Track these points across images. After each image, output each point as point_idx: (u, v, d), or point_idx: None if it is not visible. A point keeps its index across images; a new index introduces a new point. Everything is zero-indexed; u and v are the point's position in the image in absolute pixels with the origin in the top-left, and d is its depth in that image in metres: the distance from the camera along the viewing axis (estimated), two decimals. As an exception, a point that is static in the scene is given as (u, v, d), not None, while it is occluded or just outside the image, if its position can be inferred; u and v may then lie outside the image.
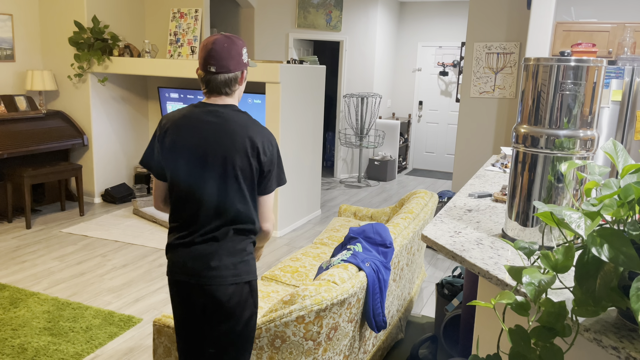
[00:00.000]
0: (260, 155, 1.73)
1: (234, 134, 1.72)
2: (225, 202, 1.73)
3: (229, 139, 1.72)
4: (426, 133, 8.42)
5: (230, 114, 1.76)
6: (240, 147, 1.71)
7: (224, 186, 1.73)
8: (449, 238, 1.57)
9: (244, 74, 1.80)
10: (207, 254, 1.74)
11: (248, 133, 1.73)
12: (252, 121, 1.78)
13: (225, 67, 1.74)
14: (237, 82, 1.79)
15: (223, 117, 1.75)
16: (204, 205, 1.74)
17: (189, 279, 1.76)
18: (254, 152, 1.72)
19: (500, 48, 4.61)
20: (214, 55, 1.72)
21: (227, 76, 1.75)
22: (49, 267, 4.01)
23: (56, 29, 5.58)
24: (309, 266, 3.16)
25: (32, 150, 5.01)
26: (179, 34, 5.84)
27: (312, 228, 5.30)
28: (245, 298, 1.80)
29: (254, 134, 1.74)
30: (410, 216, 3.20)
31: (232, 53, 1.74)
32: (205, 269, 1.74)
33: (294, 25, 7.11)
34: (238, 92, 1.82)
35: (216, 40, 1.73)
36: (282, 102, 4.77)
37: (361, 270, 2.34)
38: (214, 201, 1.73)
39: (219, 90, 1.77)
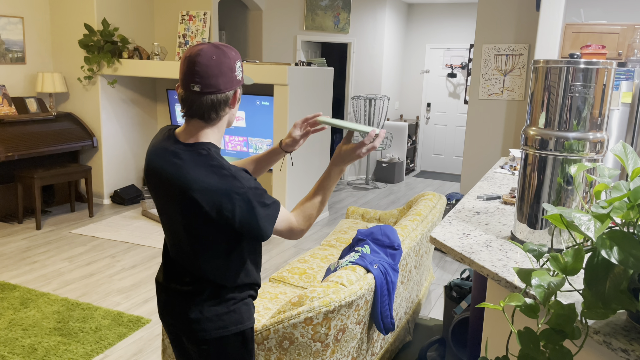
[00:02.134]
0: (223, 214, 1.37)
1: (184, 187, 1.38)
2: (192, 259, 1.48)
3: (177, 193, 1.39)
4: (434, 135, 8.40)
5: (188, 162, 1.39)
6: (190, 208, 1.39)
7: (186, 242, 1.47)
8: (458, 240, 1.56)
9: (237, 93, 1.42)
10: (184, 305, 1.51)
11: (198, 185, 1.36)
12: (208, 172, 1.38)
13: (214, 85, 1.36)
14: (227, 105, 1.41)
15: (178, 166, 1.40)
16: (174, 251, 1.53)
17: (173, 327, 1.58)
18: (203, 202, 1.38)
19: (509, 50, 4.59)
20: (199, 70, 1.35)
21: (215, 97, 1.38)
22: (59, 267, 4.05)
23: (66, 32, 5.64)
24: (316, 268, 3.17)
25: (43, 152, 5.06)
26: (188, 36, 5.88)
27: (319, 230, 5.30)
28: (238, 351, 1.55)
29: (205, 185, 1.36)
30: (419, 218, 3.20)
31: (223, 68, 1.36)
32: (185, 322, 1.51)
33: (302, 27, 7.13)
34: (227, 118, 1.45)
35: (202, 51, 1.36)
36: (290, 104, 4.78)
37: (369, 272, 2.34)
38: (181, 256, 1.51)
39: (202, 115, 1.40)
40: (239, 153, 5.79)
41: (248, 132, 5.64)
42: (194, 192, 1.36)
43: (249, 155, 5.71)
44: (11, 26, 5.34)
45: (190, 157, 1.39)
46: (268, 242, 4.83)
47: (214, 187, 1.35)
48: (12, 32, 5.35)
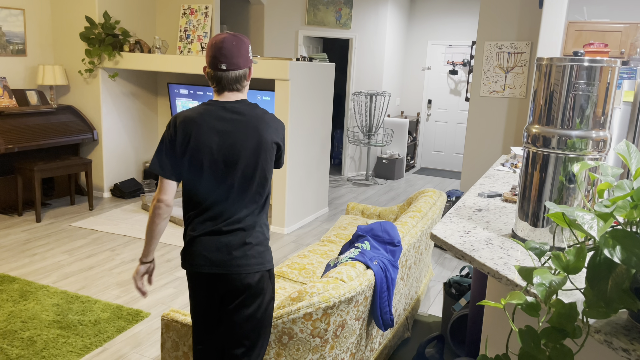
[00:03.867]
0: (279, 139, 1.87)
1: (256, 126, 1.81)
2: (253, 194, 1.84)
3: (252, 131, 1.81)
4: (435, 132, 8.39)
5: (246, 109, 1.85)
6: (265, 138, 1.81)
7: (252, 179, 1.82)
8: (459, 237, 1.56)
9: (251, 70, 1.89)
10: (234, 244, 1.82)
11: (267, 122, 1.84)
12: (264, 111, 1.89)
13: (236, 64, 1.82)
14: (245, 78, 1.87)
15: (241, 112, 1.83)
16: (230, 198, 1.82)
17: (213, 269, 1.82)
18: (275, 137, 1.85)
19: (511, 47, 4.58)
20: (225, 53, 1.79)
21: (237, 73, 1.83)
22: (59, 260, 4.05)
23: (67, 24, 5.62)
24: (316, 263, 3.17)
25: (43, 144, 5.05)
26: (189, 30, 5.86)
27: (319, 225, 5.30)
28: (267, 285, 1.89)
29: (271, 121, 1.86)
30: (419, 215, 3.19)
31: (242, 51, 1.82)
32: (232, 259, 1.81)
33: (304, 22, 7.10)
34: (246, 89, 1.91)
35: (225, 38, 1.80)
36: (291, 100, 4.77)
37: (369, 269, 2.34)
38: (241, 194, 1.82)
39: (231, 87, 1.84)
40: (239, 148, 5.77)
41: (249, 126, 5.63)
42: (267, 120, 1.84)
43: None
44: (12, 18, 5.32)
45: (245, 107, 1.85)
46: (268, 237, 4.82)
47: (275, 118, 1.89)
48: (13, 24, 5.33)
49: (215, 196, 1.82)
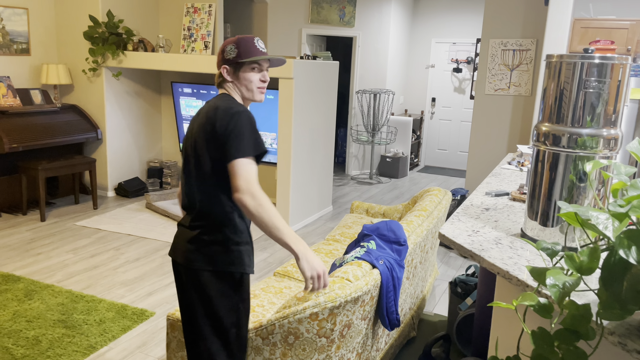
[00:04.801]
0: (216, 125, 1.72)
1: (202, 116, 1.80)
2: (194, 191, 1.83)
3: (200, 120, 1.81)
4: (439, 130, 8.36)
5: (210, 101, 1.85)
6: (200, 127, 1.77)
7: (193, 175, 1.83)
8: (467, 237, 1.54)
9: (224, 69, 1.86)
10: (182, 236, 1.86)
11: (209, 111, 1.77)
12: (217, 101, 1.81)
13: (217, 65, 1.93)
14: (223, 79, 1.87)
15: (205, 104, 1.87)
16: (187, 187, 1.88)
17: (172, 256, 1.92)
18: (210, 126, 1.74)
19: (516, 45, 4.55)
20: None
21: (218, 74, 1.91)
22: (63, 259, 4.04)
23: (71, 23, 5.61)
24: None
25: (47, 143, 5.06)
26: (193, 29, 5.85)
27: (323, 224, 5.29)
28: (201, 286, 1.82)
29: (213, 110, 1.76)
30: (424, 214, 3.18)
31: (219, 51, 1.89)
32: (178, 250, 1.87)
33: (307, 20, 7.08)
34: (233, 87, 1.86)
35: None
36: (295, 98, 4.75)
37: (375, 268, 2.32)
38: (189, 191, 1.86)
39: (216, 85, 1.93)
40: (243, 146, 5.76)
41: (252, 125, 5.62)
42: (210, 108, 1.81)
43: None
44: (16, 17, 5.32)
45: (211, 100, 1.86)
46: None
47: (223, 104, 1.79)
48: (16, 23, 5.33)
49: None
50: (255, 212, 1.61)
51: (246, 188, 1.63)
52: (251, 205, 1.61)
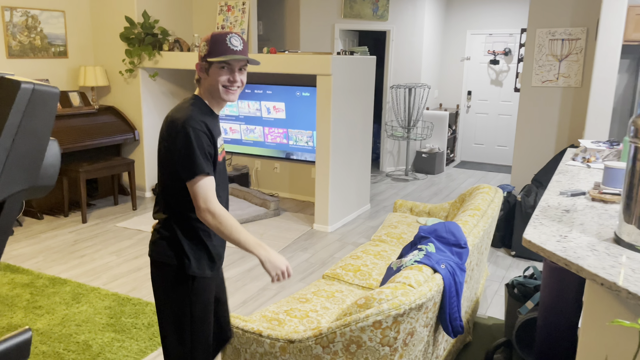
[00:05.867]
0: (167, 142, 1.76)
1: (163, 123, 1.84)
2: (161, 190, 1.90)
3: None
4: (475, 124, 8.15)
5: (176, 105, 1.87)
6: (160, 134, 1.82)
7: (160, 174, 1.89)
8: (557, 243, 1.43)
9: (197, 66, 1.84)
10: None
11: (166, 119, 1.79)
12: (179, 107, 1.82)
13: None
14: (196, 74, 1.87)
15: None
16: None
17: None
18: (163, 139, 1.79)
19: (565, 34, 4.35)
20: None
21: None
22: (107, 261, 4.05)
23: (107, 25, 5.63)
24: (370, 264, 3.05)
25: (86, 145, 5.08)
26: (227, 27, 5.81)
27: (362, 223, 5.19)
28: (153, 276, 1.94)
29: (167, 120, 1.78)
30: (478, 213, 3.04)
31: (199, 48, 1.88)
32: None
33: (340, 15, 6.97)
34: (204, 85, 1.84)
35: None
36: (334, 95, 4.66)
37: (436, 273, 2.21)
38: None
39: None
40: (278, 145, 5.71)
41: (288, 123, 5.55)
42: (168, 117, 1.80)
43: (289, 147, 5.63)
44: (53, 20, 5.36)
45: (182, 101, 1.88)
46: (311, 236, 4.74)
47: (177, 114, 1.77)
48: (54, 26, 5.38)
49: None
50: (216, 229, 1.75)
51: (205, 207, 1.73)
52: (212, 223, 1.74)
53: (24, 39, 5.11)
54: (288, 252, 4.33)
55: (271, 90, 5.52)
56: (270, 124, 5.69)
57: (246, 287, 3.67)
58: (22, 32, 5.09)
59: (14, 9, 4.97)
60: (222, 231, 1.74)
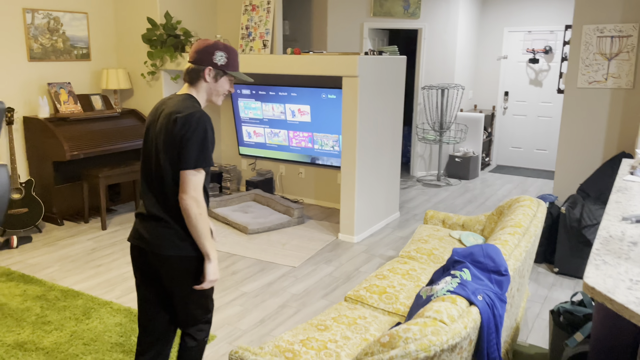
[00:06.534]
0: (176, 129, 1.87)
1: (164, 117, 1.92)
2: (155, 184, 1.98)
3: (160, 121, 1.93)
4: (512, 126, 7.73)
5: (172, 101, 1.95)
6: (162, 130, 1.90)
7: (154, 168, 1.96)
8: (628, 292, 1.14)
9: (208, 71, 1.94)
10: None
11: (170, 115, 1.89)
12: (178, 104, 1.92)
13: (192, 57, 1.96)
14: (199, 76, 1.95)
15: (166, 104, 1.96)
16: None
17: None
18: (171, 126, 1.88)
19: (615, 31, 3.96)
20: (193, 47, 1.99)
21: (191, 66, 1.96)
22: (123, 272, 3.89)
23: (130, 27, 5.52)
24: (398, 286, 2.78)
25: (108, 150, 4.97)
26: (251, 27, 5.61)
27: (391, 233, 4.90)
28: (173, 272, 2.03)
29: (177, 112, 1.88)
30: (519, 231, 2.73)
31: (205, 49, 1.94)
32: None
33: (369, 13, 6.69)
34: (204, 88, 1.98)
35: (206, 39, 2.00)
36: (360, 97, 4.39)
37: (473, 305, 1.93)
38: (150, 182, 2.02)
39: (185, 77, 1.99)
40: (303, 149, 5.48)
41: (313, 127, 5.31)
42: (173, 110, 1.90)
43: (315, 151, 5.39)
44: (76, 22, 5.27)
45: (176, 99, 1.96)
46: (336, 247, 4.49)
47: (186, 110, 1.90)
48: (77, 28, 5.29)
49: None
50: (194, 216, 1.86)
51: (194, 195, 1.86)
52: (194, 210, 1.86)
53: (46, 42, 5.03)
54: (311, 265, 4.09)
55: (296, 93, 5.29)
56: (295, 127, 5.47)
57: (265, 303, 3.45)
58: (44, 35, 5.01)
59: (35, 10, 4.89)
60: (198, 220, 1.87)
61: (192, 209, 1.85)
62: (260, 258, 4.19)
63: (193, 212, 1.85)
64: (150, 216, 1.95)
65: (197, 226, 1.86)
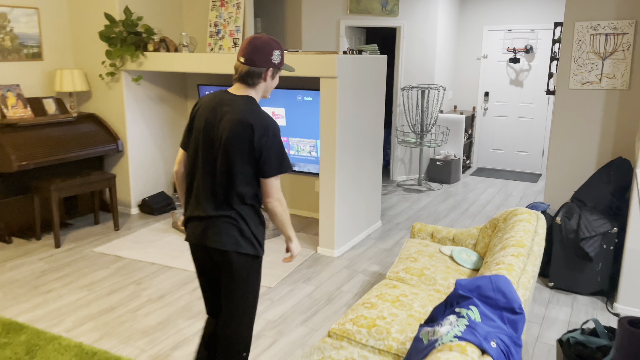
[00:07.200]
0: (255, 138, 1.95)
1: (234, 122, 1.96)
2: (220, 184, 2.04)
3: (226, 128, 1.97)
4: (493, 128, 7.52)
5: (238, 103, 2.00)
6: (234, 133, 1.96)
7: (220, 169, 2.02)
8: None
9: (269, 73, 2.04)
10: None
11: (243, 119, 1.96)
12: (252, 110, 1.99)
13: (251, 60, 1.99)
14: (259, 77, 2.02)
15: (231, 105, 2.00)
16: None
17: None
18: (248, 135, 1.95)
19: (609, 28, 3.73)
20: (246, 47, 2.00)
21: (251, 69, 2.00)
22: (76, 299, 3.46)
23: (87, 23, 5.05)
24: (388, 316, 2.45)
25: (62, 158, 4.50)
26: (220, 24, 5.21)
27: (373, 245, 4.58)
28: (237, 270, 2.14)
29: (248, 119, 1.95)
30: (523, 252, 2.43)
31: (263, 51, 1.99)
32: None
33: (346, 11, 6.36)
34: (262, 87, 2.06)
35: (254, 37, 2.01)
36: (340, 99, 4.05)
37: (486, 355, 1.61)
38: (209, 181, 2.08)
39: (242, 79, 2.03)
40: (279, 155, 5.10)
41: (289, 131, 4.95)
42: (247, 118, 1.97)
43: (290, 158, 5.02)
44: (25, 18, 4.78)
45: (240, 103, 2.02)
46: (315, 262, 4.14)
47: (261, 118, 1.99)
48: (26, 24, 4.80)
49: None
50: (280, 214, 2.06)
51: (277, 197, 2.04)
52: (279, 209, 2.06)
53: (-10, 40, 4.54)
54: (288, 285, 3.74)
55: (269, 95, 4.91)
56: (268, 132, 5.08)
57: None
58: (-12, 32, 4.51)
59: (-23, 5, 4.39)
60: (283, 216, 2.07)
61: (278, 209, 2.04)
62: (232, 278, 3.80)
63: (279, 211, 2.05)
64: (210, 216, 2.02)
65: (283, 221, 2.08)
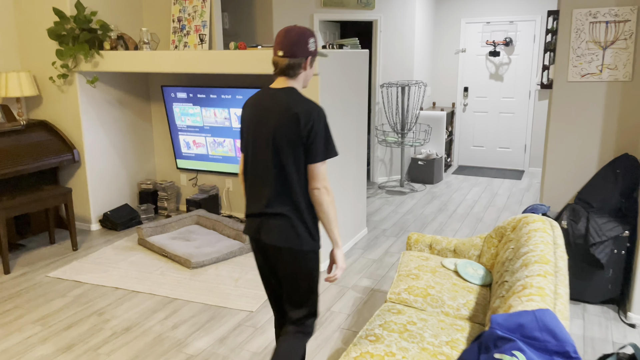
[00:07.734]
0: (301, 126, 1.89)
1: (280, 113, 1.93)
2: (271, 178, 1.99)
3: (276, 116, 1.94)
4: (473, 124, 7.28)
5: (282, 96, 1.96)
6: (282, 125, 1.91)
7: (271, 162, 1.96)
8: None
9: (308, 61, 2.00)
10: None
11: (288, 109, 1.91)
12: (297, 99, 1.94)
13: (291, 52, 1.96)
14: (300, 67, 1.99)
15: (276, 99, 1.96)
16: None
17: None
18: (294, 124, 1.90)
19: (610, 15, 3.47)
20: (283, 41, 1.96)
21: (291, 61, 1.96)
22: (27, 337, 2.98)
23: (34, 21, 4.52)
24: (398, 352, 2.08)
25: (8, 173, 3.98)
26: (184, 19, 4.76)
27: (361, 256, 4.22)
28: (298, 266, 2.08)
29: (293, 108, 1.91)
30: (549, 270, 2.11)
31: (300, 41, 1.95)
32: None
33: (319, 4, 5.99)
34: (302, 77, 2.02)
35: (289, 28, 1.97)
36: (321, 97, 3.68)
37: (547, 420, 1.26)
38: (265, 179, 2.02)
39: (284, 72, 1.98)
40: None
41: (265, 135, 4.54)
42: (292, 107, 1.93)
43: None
44: (-39, 15, 4.22)
45: (283, 95, 1.99)
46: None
47: (306, 105, 1.94)
48: (-37, 22, 4.24)
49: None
50: (327, 204, 1.96)
51: (324, 185, 1.95)
52: (326, 199, 1.95)
53: None
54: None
55: (242, 95, 4.50)
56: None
57: (218, 370, 2.66)
58: None
59: None
60: (329, 207, 1.95)
61: (324, 198, 1.93)
62: (208, 302, 3.38)
63: (325, 200, 1.93)
64: (265, 213, 1.97)
65: (328, 213, 1.95)
